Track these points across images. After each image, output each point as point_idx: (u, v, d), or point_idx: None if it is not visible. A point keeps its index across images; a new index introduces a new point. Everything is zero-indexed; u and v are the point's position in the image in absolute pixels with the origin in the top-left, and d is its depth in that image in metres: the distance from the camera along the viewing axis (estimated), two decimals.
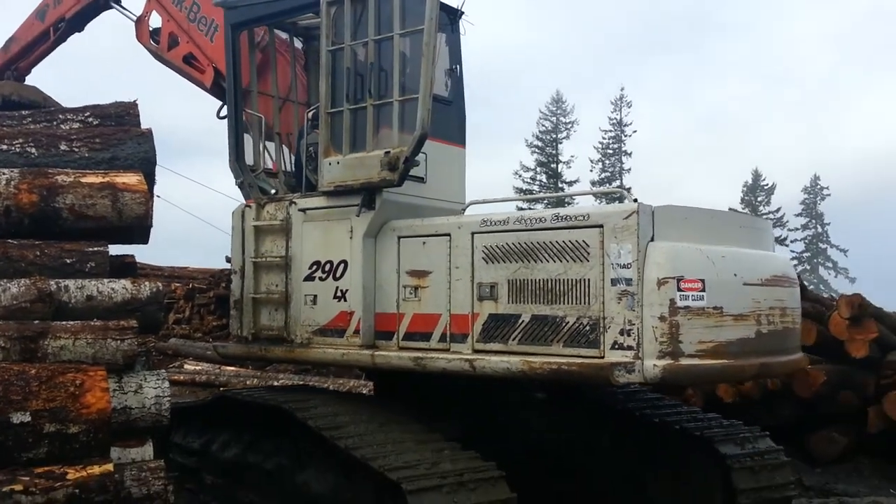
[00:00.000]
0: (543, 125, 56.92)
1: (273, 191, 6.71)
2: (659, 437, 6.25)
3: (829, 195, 64.69)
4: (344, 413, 5.44)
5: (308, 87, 7.18)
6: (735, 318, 4.87)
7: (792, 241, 63.52)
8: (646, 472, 6.34)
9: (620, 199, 6.96)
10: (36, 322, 4.12)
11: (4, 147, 4.91)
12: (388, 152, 5.56)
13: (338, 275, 5.89)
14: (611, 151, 57.75)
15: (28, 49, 9.23)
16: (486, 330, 5.24)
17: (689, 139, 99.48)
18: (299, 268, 6.10)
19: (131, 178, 4.82)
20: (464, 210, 5.92)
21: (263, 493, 5.89)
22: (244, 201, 6.56)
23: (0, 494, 3.28)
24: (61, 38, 8.91)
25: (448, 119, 6.38)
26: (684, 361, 4.62)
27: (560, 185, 54.76)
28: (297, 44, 7.39)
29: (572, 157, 56.61)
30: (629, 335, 4.68)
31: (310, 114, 6.49)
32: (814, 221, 64.75)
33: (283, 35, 7.31)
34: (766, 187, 64.24)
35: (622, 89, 75.33)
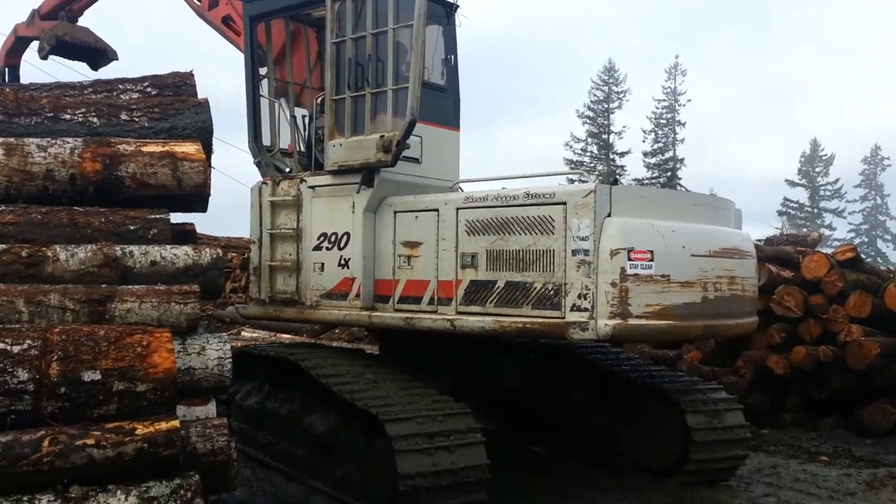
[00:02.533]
0: (595, 95, 56.15)
1: (287, 169, 7.47)
2: (627, 392, 6.86)
3: (889, 165, 62.73)
4: (343, 366, 6.20)
5: (321, 75, 7.86)
6: (682, 284, 5.43)
7: (850, 213, 62.10)
8: (616, 425, 6.97)
9: (614, 179, 7.46)
10: (103, 286, 4.21)
11: (67, 117, 4.93)
12: (383, 136, 6.23)
13: (342, 245, 6.63)
14: (664, 122, 56.62)
15: None
16: (468, 294, 5.90)
17: (745, 109, 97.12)
18: (309, 238, 6.86)
19: (190, 148, 4.83)
20: (452, 188, 6.56)
21: (279, 434, 6.74)
22: (262, 178, 7.34)
23: (74, 448, 3.38)
24: None
25: (443, 105, 7.01)
26: (632, 321, 5.22)
27: (611, 157, 54.42)
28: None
29: (624, 127, 55.67)
30: (586, 299, 5.29)
31: (318, 100, 7.20)
32: (873, 193, 63.02)
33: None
34: (824, 158, 62.74)
35: (676, 57, 74.08)
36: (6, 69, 11.13)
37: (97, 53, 10.72)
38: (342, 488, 5.89)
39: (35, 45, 10.45)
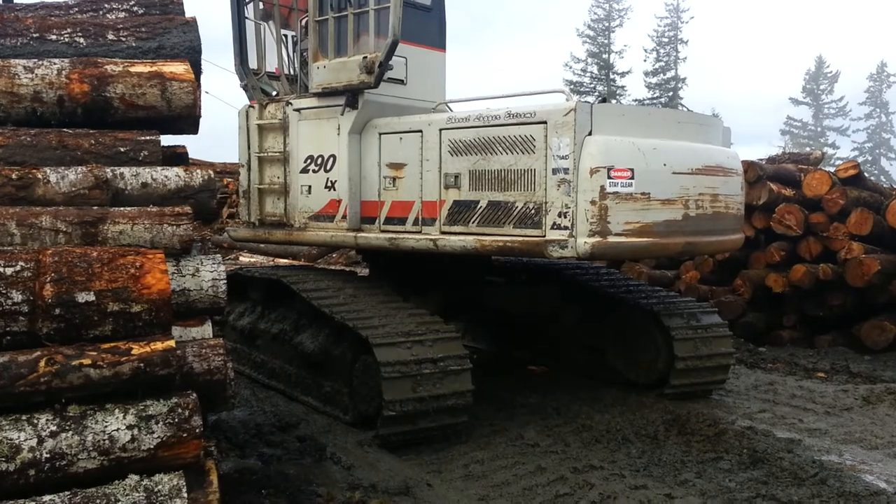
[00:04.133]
0: (595, 13, 54.94)
1: (274, 92, 7.47)
2: (617, 311, 7.06)
3: (895, 83, 61.71)
4: (333, 287, 6.37)
5: None
6: (662, 202, 5.53)
7: (854, 132, 61.37)
8: (605, 342, 7.20)
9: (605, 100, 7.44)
10: (94, 208, 4.16)
11: (53, 37, 4.82)
12: (365, 57, 6.23)
13: (328, 167, 6.70)
14: (666, 40, 55.51)
15: None
16: (451, 214, 6.02)
17: (750, 26, 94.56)
18: (296, 161, 6.93)
19: (178, 68, 4.75)
20: (436, 108, 6.58)
21: (271, 352, 6.98)
22: (249, 102, 7.35)
23: (70, 368, 3.45)
24: None
25: (428, 25, 6.95)
26: (612, 239, 5.34)
27: (612, 77, 53.56)
28: None
29: (625, 46, 55.05)
30: (565, 217, 5.40)
31: (303, 21, 7.14)
32: (878, 111, 62.11)
33: None
34: (829, 75, 61.62)
35: None
36: None
37: None
38: (330, 403, 6.15)
39: None
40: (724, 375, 6.91)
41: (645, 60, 55.21)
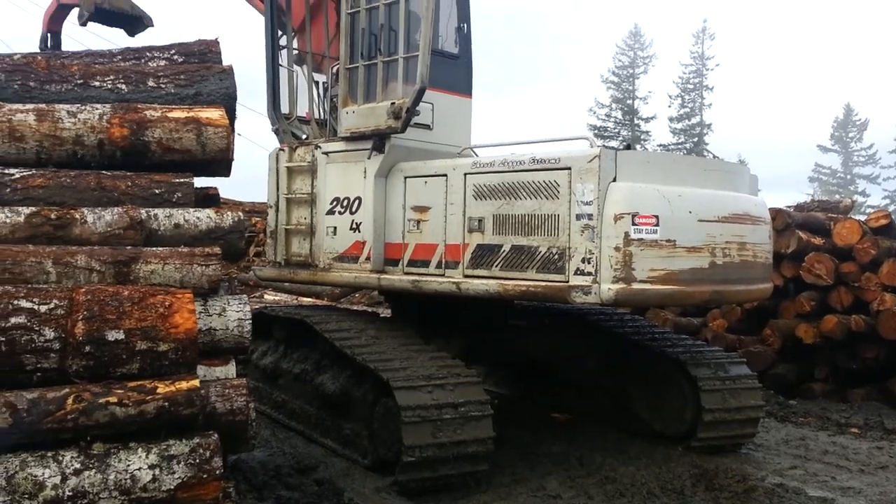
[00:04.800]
0: (620, 60, 55.63)
1: (304, 136, 7.62)
2: (642, 358, 6.99)
3: None
4: (355, 328, 6.40)
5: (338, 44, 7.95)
6: (688, 249, 5.50)
7: (885, 180, 60.69)
8: (630, 389, 7.12)
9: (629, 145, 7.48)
10: (128, 248, 4.31)
11: (97, 83, 5.08)
12: (393, 103, 6.35)
13: (353, 209, 6.79)
14: (691, 86, 55.97)
15: None
16: (475, 258, 6.04)
17: (776, 72, 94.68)
18: (323, 203, 7.04)
19: (214, 113, 4.96)
20: (461, 153, 6.66)
21: (292, 392, 7.00)
22: (279, 145, 7.51)
23: (97, 405, 3.46)
24: None
25: (455, 72, 7.08)
26: (636, 286, 5.31)
27: (636, 122, 53.82)
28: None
29: (649, 92, 55.19)
30: (589, 263, 5.40)
31: (334, 68, 7.32)
32: None
33: None
34: (858, 123, 61.32)
35: (704, 21, 72.53)
36: (48, 35, 11.46)
37: (134, 20, 10.97)
38: (350, 445, 6.13)
39: (75, 11, 10.70)
40: (754, 429, 6.77)
41: (669, 106, 55.66)
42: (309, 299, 14.57)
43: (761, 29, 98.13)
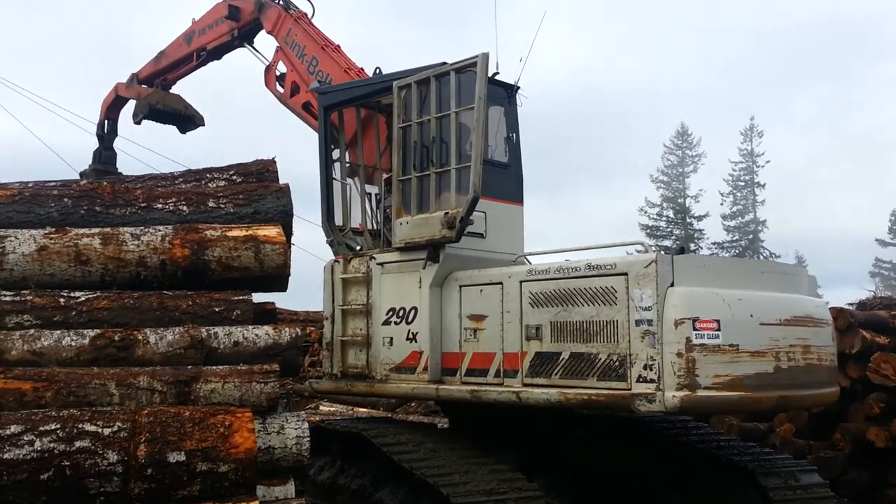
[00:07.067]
0: (668, 160, 55.84)
1: (358, 247, 7.76)
2: (709, 471, 6.67)
3: None
4: (413, 441, 6.28)
5: (389, 157, 8.22)
6: (752, 354, 5.34)
7: None
8: (697, 501, 6.75)
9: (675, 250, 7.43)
10: (189, 367, 4.41)
11: (159, 206, 5.31)
12: (447, 213, 6.46)
13: (409, 319, 6.80)
14: (742, 183, 55.61)
15: (174, 65, 10.90)
16: (534, 366, 5.95)
17: (830, 167, 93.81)
18: (378, 313, 7.07)
19: (271, 231, 5.14)
20: (515, 261, 6.68)
21: None
22: (334, 257, 7.66)
23: None
24: (202, 63, 10.55)
25: (506, 181, 7.22)
26: (701, 393, 5.15)
27: (688, 220, 53.44)
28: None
29: (700, 190, 54.89)
30: (651, 370, 5.27)
31: (386, 179, 7.52)
32: None
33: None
34: None
35: (752, 119, 72.80)
36: (106, 121, 12.23)
37: (186, 119, 11.69)
38: None
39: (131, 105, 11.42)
40: None
41: (721, 204, 55.11)
42: (365, 410, 14.43)
43: (810, 122, 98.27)
